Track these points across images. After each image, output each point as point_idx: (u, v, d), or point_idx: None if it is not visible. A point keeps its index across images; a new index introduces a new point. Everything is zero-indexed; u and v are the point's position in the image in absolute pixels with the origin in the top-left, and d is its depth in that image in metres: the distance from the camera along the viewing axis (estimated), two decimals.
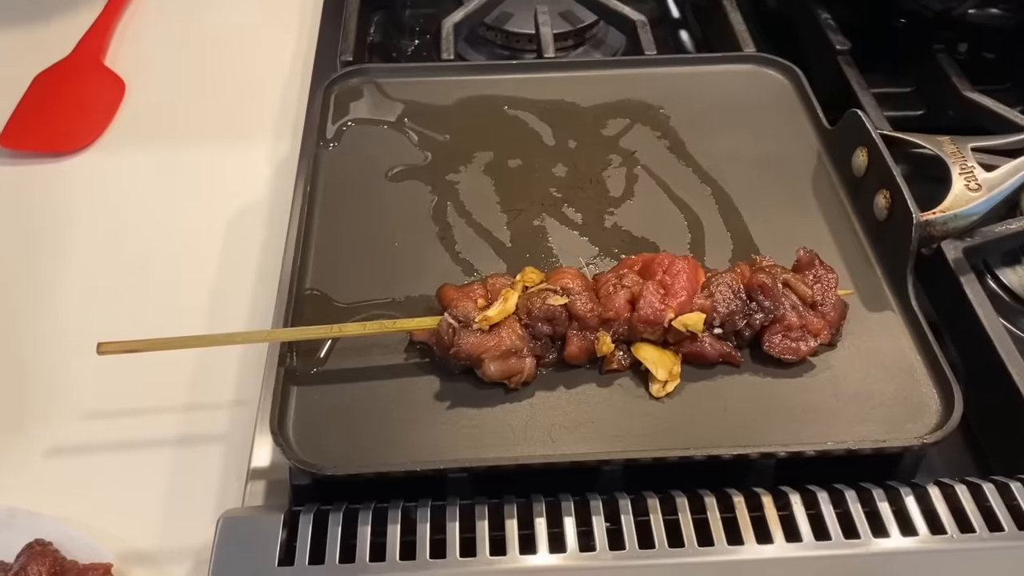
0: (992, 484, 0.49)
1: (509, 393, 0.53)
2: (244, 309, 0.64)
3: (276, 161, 0.76)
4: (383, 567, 0.45)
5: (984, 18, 0.78)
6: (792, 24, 0.89)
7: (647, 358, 0.53)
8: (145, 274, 0.68)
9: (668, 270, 0.54)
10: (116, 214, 0.72)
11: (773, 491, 0.48)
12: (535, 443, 0.51)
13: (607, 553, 0.46)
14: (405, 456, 0.50)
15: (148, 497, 0.54)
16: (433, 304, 0.57)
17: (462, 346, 0.51)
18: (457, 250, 0.61)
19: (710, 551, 0.46)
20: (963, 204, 0.59)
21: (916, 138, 0.64)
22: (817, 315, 0.55)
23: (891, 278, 0.59)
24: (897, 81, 0.82)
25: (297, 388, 0.53)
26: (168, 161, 0.77)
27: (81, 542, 0.50)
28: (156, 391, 0.59)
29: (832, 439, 0.50)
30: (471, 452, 0.50)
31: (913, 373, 0.54)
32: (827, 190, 0.65)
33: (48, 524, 0.50)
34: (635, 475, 0.50)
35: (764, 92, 0.73)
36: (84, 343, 0.53)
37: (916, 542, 0.47)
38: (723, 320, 0.54)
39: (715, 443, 0.50)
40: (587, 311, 0.53)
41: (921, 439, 0.50)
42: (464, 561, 0.46)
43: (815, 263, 0.57)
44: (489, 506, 0.48)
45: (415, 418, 0.52)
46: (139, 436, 0.57)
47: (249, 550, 0.46)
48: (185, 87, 0.85)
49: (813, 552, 0.46)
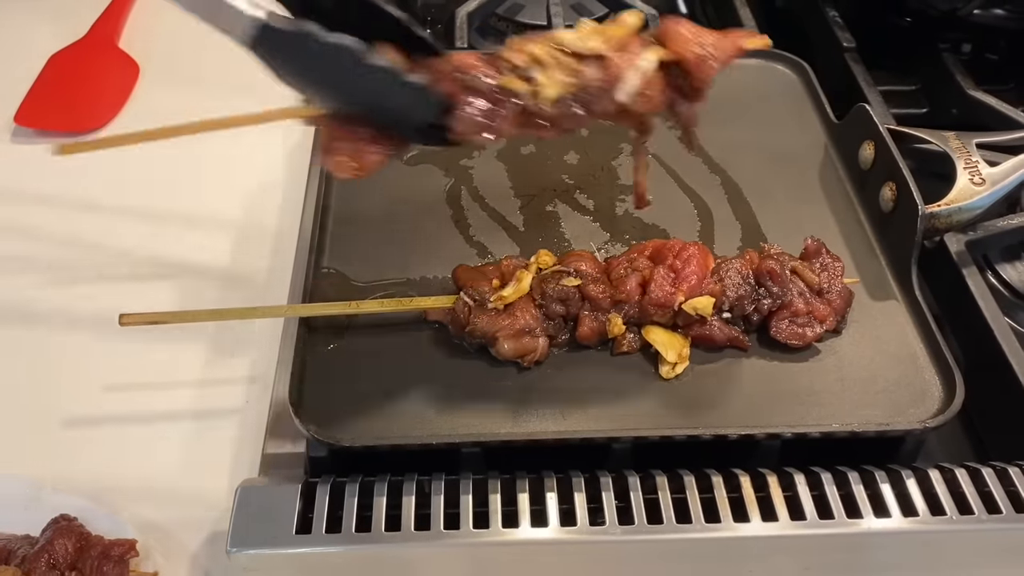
0: (991, 469, 0.50)
1: (522, 372, 0.54)
2: (260, 288, 0.65)
3: (291, 143, 0.76)
4: (398, 536, 0.47)
5: (989, 19, 0.79)
6: (800, 21, 0.90)
7: (657, 340, 0.54)
8: (161, 253, 0.68)
9: (679, 255, 0.56)
10: (130, 195, 0.73)
11: (778, 471, 0.50)
12: (547, 420, 0.52)
13: (616, 528, 0.47)
14: (420, 430, 0.51)
15: (166, 469, 0.55)
16: (448, 285, 0.58)
17: (477, 324, 0.53)
18: (471, 233, 0.62)
19: (717, 527, 0.47)
20: (967, 197, 0.61)
21: (922, 133, 0.66)
22: (823, 302, 0.56)
23: (895, 268, 0.60)
24: (902, 79, 0.83)
25: (314, 363, 0.54)
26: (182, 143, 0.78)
27: (105, 518, 0.51)
28: (174, 366, 0.60)
29: (836, 422, 0.51)
30: (484, 428, 0.51)
31: (916, 360, 0.55)
32: (834, 182, 0.67)
33: (72, 500, 0.51)
34: (644, 453, 0.51)
35: (773, 86, 0.75)
36: (102, 320, 0.54)
37: (916, 523, 0.48)
38: (732, 305, 0.55)
39: (722, 424, 0.52)
40: (599, 293, 0.54)
41: (923, 423, 0.51)
42: (477, 532, 0.47)
43: (822, 252, 0.58)
44: (502, 481, 0.49)
45: (430, 394, 0.53)
46: (158, 409, 0.58)
47: (266, 519, 0.47)
48: (198, 70, 0.86)
49: (817, 530, 0.48)
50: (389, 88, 0.48)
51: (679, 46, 0.49)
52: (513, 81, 0.48)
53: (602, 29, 0.49)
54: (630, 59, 0.48)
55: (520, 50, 0.48)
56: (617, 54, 0.48)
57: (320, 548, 0.46)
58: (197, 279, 0.66)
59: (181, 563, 0.51)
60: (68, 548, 0.48)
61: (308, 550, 0.46)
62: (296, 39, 0.45)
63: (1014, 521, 0.48)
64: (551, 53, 0.48)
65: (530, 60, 0.48)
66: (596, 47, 0.48)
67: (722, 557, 0.49)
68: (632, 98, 0.49)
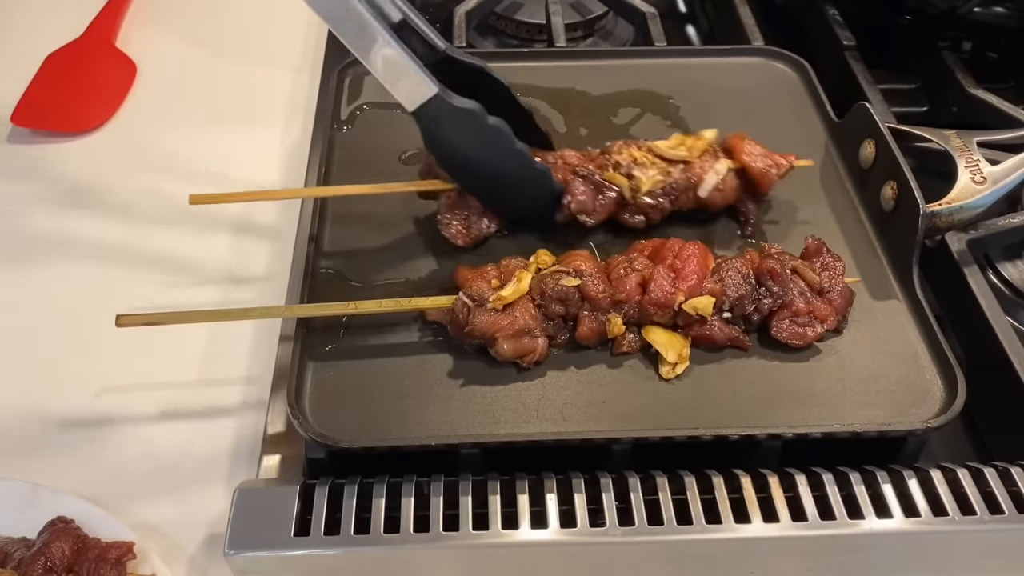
0: (993, 469, 0.50)
1: (521, 372, 0.53)
2: (258, 289, 0.65)
3: (288, 144, 0.76)
4: (397, 539, 0.46)
5: (988, 17, 0.79)
6: (800, 20, 0.90)
7: (657, 340, 0.54)
8: (158, 253, 0.68)
9: (679, 254, 0.55)
10: (126, 195, 0.73)
11: (779, 472, 0.49)
12: (546, 421, 0.51)
13: (616, 529, 0.47)
14: (419, 431, 0.51)
15: (163, 471, 0.55)
16: (446, 285, 0.58)
17: (476, 324, 0.52)
18: None
19: (718, 528, 0.47)
20: (968, 196, 0.61)
21: (923, 131, 0.65)
22: (824, 302, 0.56)
23: (897, 267, 0.60)
24: (902, 77, 0.83)
25: (313, 364, 0.54)
26: (180, 143, 0.78)
27: (102, 520, 0.50)
28: (172, 367, 0.60)
29: (838, 422, 0.51)
30: (484, 429, 0.51)
31: (917, 360, 0.55)
32: (834, 181, 0.66)
33: (70, 502, 0.51)
34: (644, 454, 0.51)
35: (772, 84, 0.74)
36: (99, 321, 0.53)
37: (918, 523, 0.48)
38: (732, 304, 0.55)
39: (723, 424, 0.51)
40: (599, 292, 0.54)
41: (925, 423, 0.51)
42: (476, 534, 0.47)
43: (823, 251, 0.58)
44: (501, 482, 0.48)
45: (429, 395, 0.52)
46: (155, 411, 0.58)
47: (265, 521, 0.47)
48: (196, 70, 0.86)
49: (818, 531, 0.47)
50: (523, 169, 0.57)
51: (746, 161, 0.61)
52: (616, 176, 0.60)
53: (686, 139, 0.62)
54: (709, 165, 0.61)
55: (622, 152, 0.61)
56: (698, 161, 0.61)
57: (318, 550, 0.46)
58: (194, 279, 0.66)
59: (179, 565, 0.51)
60: (65, 551, 0.48)
61: (306, 552, 0.46)
62: (464, 114, 0.54)
63: (1017, 521, 0.48)
64: (647, 156, 0.61)
65: (631, 160, 0.60)
66: (682, 155, 0.61)
67: (723, 558, 0.49)
68: (709, 194, 0.61)
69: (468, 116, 0.54)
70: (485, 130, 0.55)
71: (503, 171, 0.57)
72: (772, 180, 0.61)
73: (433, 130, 0.55)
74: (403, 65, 0.52)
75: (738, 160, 0.61)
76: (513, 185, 0.58)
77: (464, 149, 0.56)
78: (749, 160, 0.61)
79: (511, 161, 0.57)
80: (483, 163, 0.57)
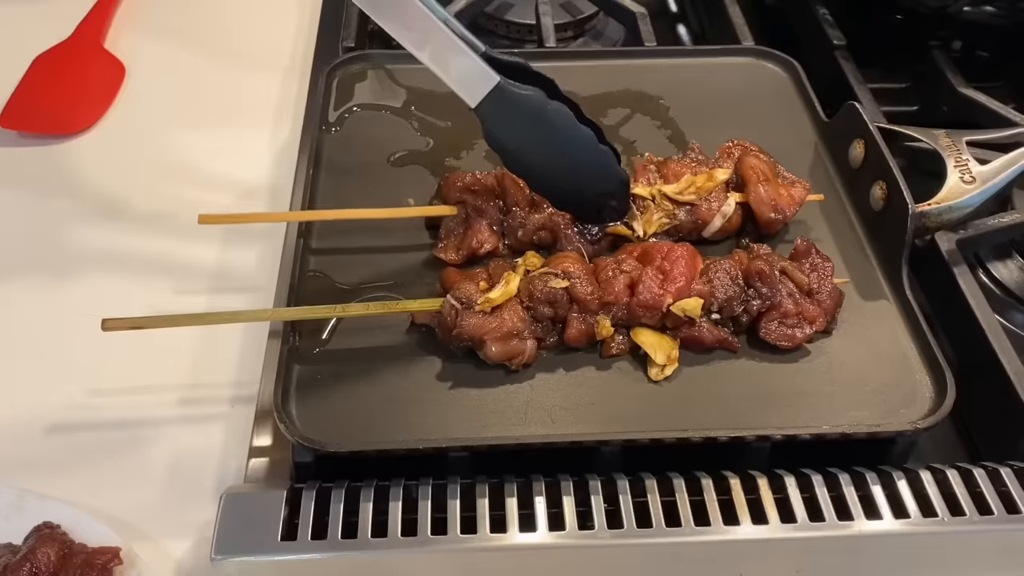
0: (982, 469, 0.50)
1: (510, 374, 0.53)
2: (246, 292, 0.64)
3: (277, 146, 0.76)
4: (384, 543, 0.46)
5: (978, 16, 0.79)
6: (790, 19, 0.90)
7: (646, 342, 0.54)
8: (146, 256, 0.68)
9: (667, 256, 0.55)
10: (115, 197, 0.73)
11: (768, 474, 0.49)
12: (535, 424, 0.51)
13: (605, 532, 0.47)
14: (407, 435, 0.50)
15: (150, 475, 0.55)
16: (434, 287, 0.57)
17: (464, 327, 0.52)
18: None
19: (707, 531, 0.47)
20: (958, 196, 0.60)
21: (912, 131, 0.65)
22: (813, 303, 0.56)
23: (886, 268, 0.60)
24: (892, 77, 0.83)
25: (300, 367, 0.53)
26: (168, 145, 0.77)
27: (89, 525, 0.50)
28: (158, 371, 0.59)
29: (827, 424, 0.51)
30: (472, 431, 0.51)
31: (907, 360, 0.55)
32: (824, 181, 0.66)
33: (56, 507, 0.50)
34: (633, 457, 0.51)
35: (762, 84, 0.74)
36: (85, 325, 0.53)
37: (908, 524, 0.48)
38: (721, 306, 0.54)
39: (712, 426, 0.51)
40: (587, 294, 0.54)
41: (914, 424, 0.51)
42: (465, 538, 0.46)
43: (812, 252, 0.57)
44: (490, 485, 0.48)
45: (417, 398, 0.52)
46: (142, 416, 0.57)
47: (252, 526, 0.47)
48: (185, 71, 0.85)
49: (808, 533, 0.47)
50: (588, 151, 0.57)
51: (753, 204, 0.61)
52: (619, 227, 0.60)
53: (696, 179, 0.62)
54: (717, 206, 0.61)
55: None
56: (704, 204, 0.61)
57: (306, 555, 0.46)
58: (182, 282, 0.66)
59: (165, 571, 0.50)
60: (51, 556, 0.47)
61: (293, 557, 0.46)
62: (525, 99, 0.54)
63: (1006, 522, 0.48)
64: (655, 191, 0.61)
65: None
66: (690, 198, 0.61)
67: (712, 560, 0.48)
68: (713, 235, 0.62)
69: (532, 101, 0.54)
70: (549, 114, 0.54)
71: (568, 156, 0.57)
72: (779, 227, 0.61)
73: (496, 119, 0.54)
74: (467, 60, 0.52)
75: (746, 198, 0.61)
76: (578, 171, 0.57)
77: (527, 139, 0.56)
78: (756, 205, 0.60)
79: (577, 144, 0.56)
80: (548, 150, 0.56)
